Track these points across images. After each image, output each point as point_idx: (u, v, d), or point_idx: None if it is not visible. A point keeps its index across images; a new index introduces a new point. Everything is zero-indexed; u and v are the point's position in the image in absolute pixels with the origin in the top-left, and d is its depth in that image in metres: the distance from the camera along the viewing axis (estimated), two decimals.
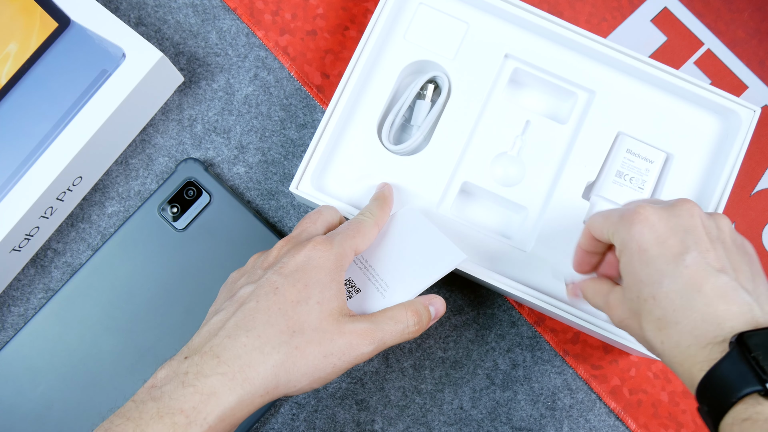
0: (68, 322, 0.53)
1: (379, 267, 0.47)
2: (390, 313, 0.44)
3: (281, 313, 0.41)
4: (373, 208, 0.48)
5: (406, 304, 0.45)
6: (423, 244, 0.48)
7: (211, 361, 0.39)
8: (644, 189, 0.53)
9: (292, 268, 0.42)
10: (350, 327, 0.42)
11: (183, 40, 0.59)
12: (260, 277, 0.43)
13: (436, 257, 0.47)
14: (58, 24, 0.52)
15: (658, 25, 0.60)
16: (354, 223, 0.46)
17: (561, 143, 0.54)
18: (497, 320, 0.56)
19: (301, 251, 0.43)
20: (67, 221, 0.56)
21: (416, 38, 0.54)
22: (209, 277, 0.54)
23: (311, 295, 0.42)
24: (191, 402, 0.37)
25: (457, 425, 0.54)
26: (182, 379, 0.38)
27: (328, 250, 0.43)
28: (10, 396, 0.52)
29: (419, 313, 0.45)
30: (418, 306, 0.45)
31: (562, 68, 0.54)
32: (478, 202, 0.55)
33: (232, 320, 0.41)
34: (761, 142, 0.58)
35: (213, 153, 0.57)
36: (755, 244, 0.56)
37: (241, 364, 0.39)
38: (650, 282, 0.38)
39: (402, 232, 0.48)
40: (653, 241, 0.38)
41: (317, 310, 0.41)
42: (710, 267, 0.37)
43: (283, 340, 0.40)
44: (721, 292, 0.36)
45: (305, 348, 0.40)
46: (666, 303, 0.37)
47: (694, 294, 0.36)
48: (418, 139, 0.54)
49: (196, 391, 0.38)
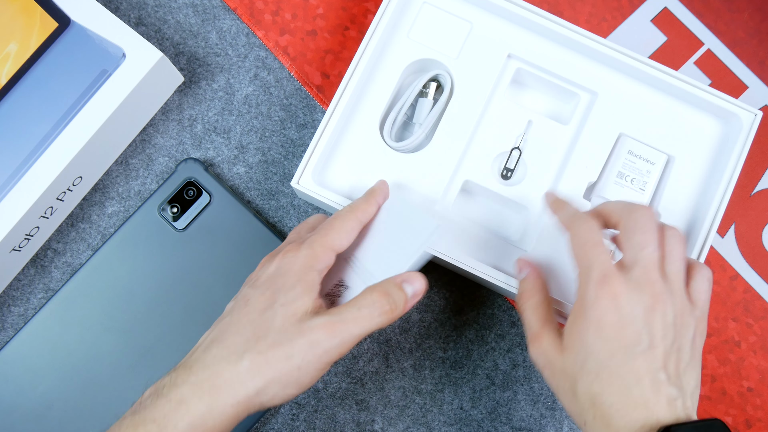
0: (68, 322, 0.53)
1: (364, 258, 0.46)
2: (354, 301, 0.42)
3: (249, 322, 0.41)
4: (357, 201, 0.47)
5: (372, 287, 0.43)
6: (399, 222, 0.46)
7: (184, 372, 0.40)
8: (645, 190, 0.53)
9: (263, 279, 0.43)
10: (310, 323, 0.40)
11: (183, 40, 0.58)
12: (239, 293, 0.44)
13: (411, 232, 0.45)
14: (58, 24, 0.52)
15: (658, 25, 0.60)
16: (329, 220, 0.45)
17: (563, 144, 0.54)
18: (497, 320, 0.56)
19: (273, 261, 0.44)
20: (67, 221, 0.56)
21: (420, 37, 0.54)
22: (209, 277, 0.54)
23: (276, 300, 0.42)
24: (162, 411, 0.38)
25: (457, 425, 0.54)
26: (159, 392, 0.40)
27: (295, 254, 0.43)
28: (10, 396, 0.52)
29: (389, 294, 0.42)
30: (388, 286, 0.43)
31: (565, 69, 0.54)
32: (479, 201, 0.56)
33: (210, 336, 0.42)
34: (761, 142, 0.58)
35: (213, 153, 0.57)
36: (755, 244, 0.57)
37: (209, 374, 0.39)
38: (598, 357, 0.40)
39: (385, 219, 0.47)
40: (614, 324, 0.40)
41: (281, 313, 0.41)
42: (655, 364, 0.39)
43: (248, 347, 0.40)
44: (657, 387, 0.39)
45: (267, 352, 0.40)
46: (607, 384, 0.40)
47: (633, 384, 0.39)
48: (419, 137, 0.54)
49: (168, 401, 0.39)
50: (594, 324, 0.40)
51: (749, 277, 0.56)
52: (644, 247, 0.41)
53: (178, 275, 0.54)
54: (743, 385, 0.55)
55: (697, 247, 0.51)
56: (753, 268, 0.56)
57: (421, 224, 0.45)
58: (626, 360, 0.39)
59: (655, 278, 0.41)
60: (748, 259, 0.57)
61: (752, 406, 0.55)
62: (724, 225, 0.57)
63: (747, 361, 0.55)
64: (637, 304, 0.40)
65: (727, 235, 0.57)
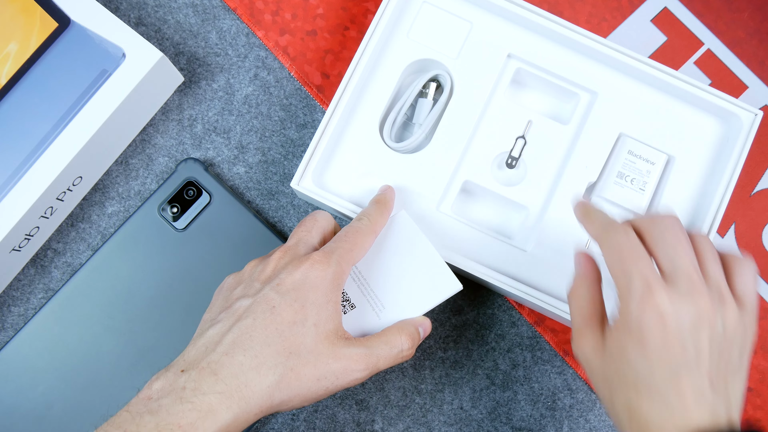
0: (68, 322, 0.53)
1: (374, 283, 0.47)
2: (385, 338, 0.44)
3: (278, 334, 0.41)
4: (372, 212, 0.48)
5: (400, 328, 0.45)
6: (420, 266, 0.48)
7: (209, 378, 0.39)
8: (645, 190, 0.53)
9: (289, 286, 0.42)
10: (346, 351, 0.42)
11: (183, 40, 0.58)
12: (257, 291, 0.43)
13: (432, 283, 0.47)
14: (58, 24, 0.52)
15: (658, 25, 0.60)
16: (351, 233, 0.46)
17: (562, 143, 0.54)
18: (497, 320, 0.56)
19: (299, 268, 0.43)
20: (67, 221, 0.56)
21: (419, 37, 0.54)
22: (209, 277, 0.54)
23: (308, 317, 0.42)
24: (189, 418, 0.38)
25: (457, 425, 0.54)
26: (180, 394, 0.39)
27: (325, 269, 0.43)
28: (10, 396, 0.52)
29: (413, 337, 0.45)
30: (411, 329, 0.46)
31: (565, 69, 0.54)
32: (479, 202, 0.56)
33: (230, 336, 0.41)
34: (761, 142, 0.58)
35: (213, 153, 0.57)
36: (755, 244, 0.57)
37: (238, 384, 0.39)
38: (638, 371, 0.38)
39: (399, 245, 0.48)
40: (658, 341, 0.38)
41: (313, 332, 0.42)
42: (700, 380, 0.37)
43: (279, 361, 0.41)
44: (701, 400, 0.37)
45: (300, 370, 0.41)
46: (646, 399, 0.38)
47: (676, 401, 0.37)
48: (419, 137, 0.54)
49: (194, 408, 0.38)
50: (636, 338, 0.38)
51: None
52: (682, 256, 0.39)
53: (178, 275, 0.54)
54: None
55: None
56: None
57: (445, 283, 0.48)
58: (669, 377, 0.37)
59: (701, 288, 0.38)
60: None
61: (752, 406, 0.55)
62: (724, 225, 0.57)
63: None
64: (684, 318, 0.38)
65: (727, 235, 0.57)
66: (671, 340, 0.37)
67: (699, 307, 0.38)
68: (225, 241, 0.55)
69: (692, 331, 0.38)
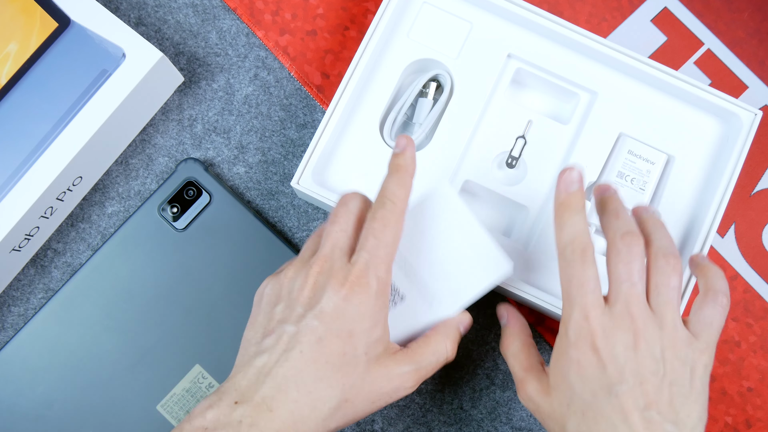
0: (68, 322, 0.53)
1: (420, 268, 0.45)
2: (431, 348, 0.44)
3: (329, 366, 0.40)
4: (393, 189, 0.43)
5: (444, 333, 0.45)
6: (467, 247, 0.45)
7: (265, 414, 0.39)
8: (645, 190, 0.53)
9: (332, 315, 0.41)
10: (397, 371, 0.42)
11: (183, 40, 0.58)
12: (300, 318, 0.41)
13: (482, 267, 0.45)
14: (58, 24, 0.52)
15: (658, 25, 0.60)
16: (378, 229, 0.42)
17: (563, 143, 0.54)
18: (497, 320, 0.56)
19: (339, 293, 0.41)
20: (67, 221, 0.56)
21: (420, 37, 0.55)
22: (209, 277, 0.54)
23: (357, 346, 0.41)
24: None
25: (457, 425, 0.54)
26: (237, 428, 0.39)
27: (366, 290, 0.41)
28: (10, 396, 0.52)
29: (455, 340, 0.45)
30: (453, 332, 0.45)
31: (565, 69, 0.54)
32: (479, 201, 0.56)
33: (280, 370, 0.40)
34: (762, 142, 0.58)
35: (213, 153, 0.57)
36: (755, 244, 0.57)
37: (294, 420, 0.39)
38: (582, 397, 0.40)
39: (441, 224, 0.45)
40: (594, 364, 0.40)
41: (364, 361, 0.41)
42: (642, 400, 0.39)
43: (333, 394, 0.40)
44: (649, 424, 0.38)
45: (355, 399, 0.41)
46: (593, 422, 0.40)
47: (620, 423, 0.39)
48: (419, 137, 0.54)
49: None
50: (575, 364, 0.40)
51: (749, 277, 0.56)
52: (624, 281, 0.41)
53: (178, 275, 0.54)
54: (743, 385, 0.55)
55: (697, 247, 0.51)
56: (753, 268, 0.56)
57: (494, 264, 0.45)
58: (609, 399, 0.39)
59: (636, 313, 0.40)
60: (748, 259, 0.56)
61: (752, 406, 0.55)
62: (724, 225, 0.57)
63: (747, 361, 0.55)
64: (617, 342, 0.40)
65: (727, 235, 0.57)
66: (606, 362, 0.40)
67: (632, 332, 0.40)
68: (225, 241, 0.55)
69: (626, 354, 0.40)
